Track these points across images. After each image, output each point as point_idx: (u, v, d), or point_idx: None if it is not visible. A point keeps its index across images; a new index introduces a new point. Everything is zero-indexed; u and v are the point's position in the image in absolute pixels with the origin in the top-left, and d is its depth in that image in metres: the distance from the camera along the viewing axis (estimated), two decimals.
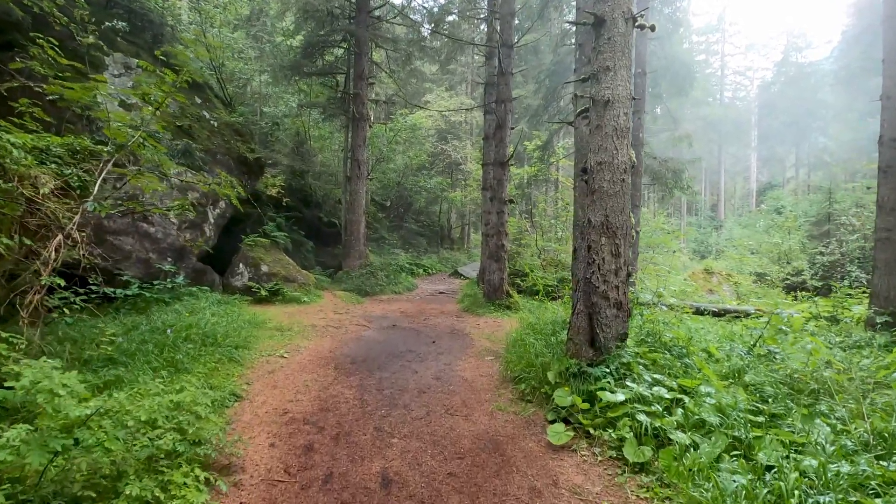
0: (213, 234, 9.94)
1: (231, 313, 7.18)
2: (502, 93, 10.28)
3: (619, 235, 4.11)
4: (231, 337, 5.77)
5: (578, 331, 4.30)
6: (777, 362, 5.11)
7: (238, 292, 9.96)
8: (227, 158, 10.63)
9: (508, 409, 4.00)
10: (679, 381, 3.69)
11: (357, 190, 13.83)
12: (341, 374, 5.02)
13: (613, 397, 3.37)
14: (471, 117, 26.80)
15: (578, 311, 4.32)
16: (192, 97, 10.56)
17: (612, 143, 4.06)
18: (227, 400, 3.89)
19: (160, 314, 6.33)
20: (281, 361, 5.43)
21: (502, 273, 10.17)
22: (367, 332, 7.59)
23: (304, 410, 3.88)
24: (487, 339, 7.30)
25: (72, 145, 3.89)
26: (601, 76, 4.10)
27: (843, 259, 18.78)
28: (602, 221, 4.11)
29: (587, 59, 5.83)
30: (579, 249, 4.39)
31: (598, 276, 4.13)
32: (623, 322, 4.22)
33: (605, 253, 4.11)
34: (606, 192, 4.08)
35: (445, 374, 5.14)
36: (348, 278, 13.17)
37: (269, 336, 6.54)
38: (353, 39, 13.83)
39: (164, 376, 3.93)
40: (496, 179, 10.32)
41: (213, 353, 5.05)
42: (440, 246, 24.26)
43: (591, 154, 4.21)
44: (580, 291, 4.34)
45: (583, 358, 4.20)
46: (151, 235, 8.27)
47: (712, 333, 6.79)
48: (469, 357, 6.05)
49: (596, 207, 4.14)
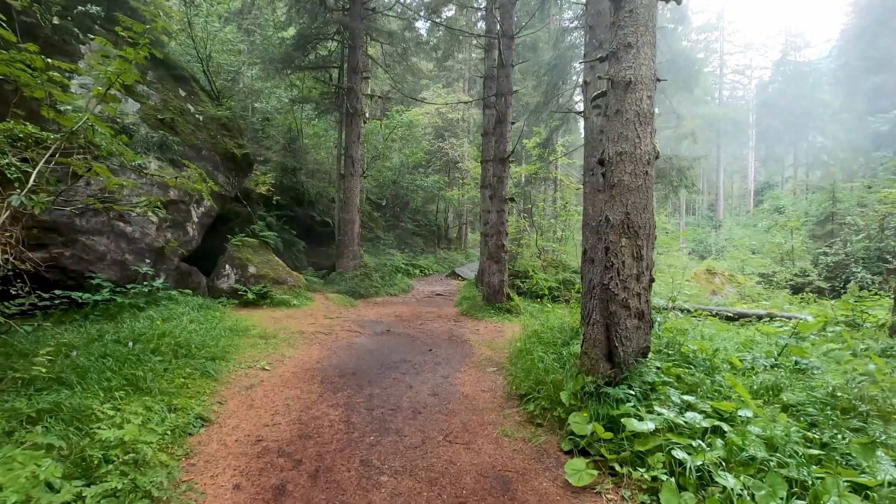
0: (196, 234, 9.39)
1: (212, 319, 6.65)
2: (502, 86, 9.77)
3: (641, 236, 3.61)
4: (208, 347, 5.25)
5: (594, 343, 3.80)
6: (811, 376, 4.64)
7: (224, 295, 9.42)
8: (212, 154, 10.08)
9: (516, 434, 3.49)
10: (713, 403, 3.19)
11: (351, 188, 13.31)
12: (327, 390, 4.50)
13: (641, 426, 2.87)
14: (468, 115, 26.29)
15: (594, 321, 3.82)
16: (176, 90, 10.00)
17: (634, 131, 3.56)
18: (191, 426, 3.36)
19: (132, 322, 5.79)
20: (261, 375, 4.90)
21: (502, 275, 9.68)
22: (359, 338, 7.07)
23: (280, 438, 3.36)
24: (488, 346, 6.80)
25: (11, 131, 3.35)
26: (622, 54, 3.60)
27: (848, 259, 18.40)
28: (622, 220, 3.60)
29: (598, 42, 5.33)
30: (594, 251, 3.89)
31: (618, 282, 3.63)
32: (645, 334, 3.72)
33: (626, 256, 3.61)
34: (627, 187, 3.58)
35: (443, 390, 4.63)
36: (341, 280, 12.64)
37: (251, 345, 6.01)
38: (348, 32, 13.30)
39: (121, 398, 3.41)
40: (496, 177, 9.82)
41: (185, 367, 4.52)
42: (437, 246, 23.74)
43: (609, 143, 3.71)
44: (596, 299, 3.84)
45: (599, 374, 3.70)
46: (128, 235, 7.72)
47: (728, 340, 6.30)
48: (469, 368, 5.54)
49: (615, 204, 3.63)
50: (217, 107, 10.79)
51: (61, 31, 7.27)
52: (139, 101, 8.92)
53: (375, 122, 18.99)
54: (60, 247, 6.98)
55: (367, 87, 16.92)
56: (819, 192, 31.01)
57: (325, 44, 14.73)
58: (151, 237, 8.11)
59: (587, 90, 5.36)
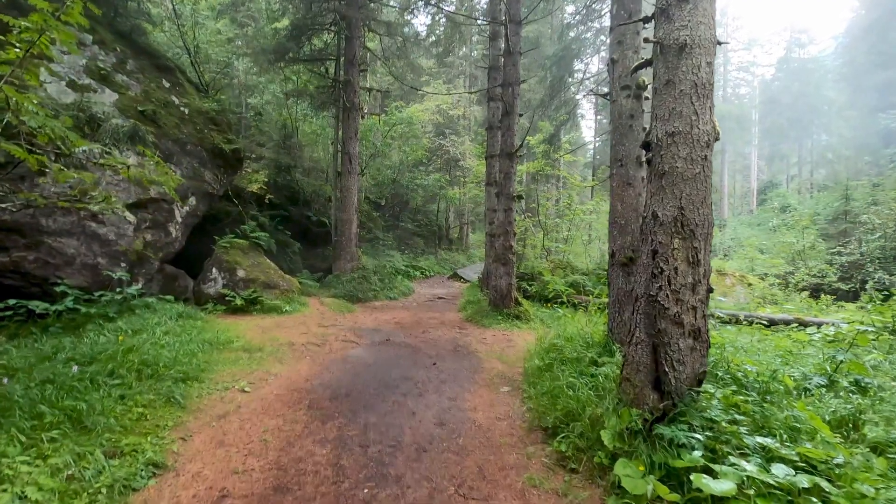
0: (180, 235, 8.70)
1: (190, 330, 5.96)
2: (510, 74, 9.09)
3: (698, 236, 2.93)
4: (179, 365, 4.56)
5: (637, 367, 3.12)
6: (876, 397, 3.96)
7: (211, 301, 8.73)
8: (198, 149, 9.38)
9: (546, 483, 2.80)
10: (799, 449, 2.51)
11: (348, 186, 12.61)
12: (315, 419, 3.81)
13: (717, 486, 2.18)
14: (469, 112, 25.62)
15: (637, 340, 3.14)
16: (159, 80, 9.31)
17: (690, 106, 2.87)
18: (137, 476, 2.67)
19: (96, 335, 5.10)
20: (239, 399, 4.21)
21: (510, 278, 8.99)
22: (356, 350, 6.38)
23: (251, 491, 2.67)
24: (498, 358, 6.11)
25: None
26: (673, 11, 2.91)
27: (864, 259, 17.73)
28: (675, 216, 2.92)
29: (627, 13, 4.64)
30: (641, 255, 3.19)
31: (668, 294, 2.95)
32: (701, 357, 3.04)
33: (679, 260, 2.93)
34: (681, 175, 2.90)
35: (452, 417, 3.94)
36: (338, 283, 11.94)
37: (232, 360, 5.32)
38: (344, 22, 12.61)
39: (51, 441, 2.72)
40: (503, 173, 9.13)
41: (148, 392, 3.84)
42: (438, 247, 23.04)
43: (656, 123, 3.02)
44: (640, 313, 3.15)
45: (646, 406, 3.02)
46: (101, 237, 7.03)
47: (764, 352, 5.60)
48: (479, 387, 4.86)
49: (665, 196, 2.95)
50: (204, 99, 10.09)
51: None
52: (117, 92, 8.23)
53: (374, 119, 18.30)
54: (23, 249, 6.29)
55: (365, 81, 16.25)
56: (826, 191, 30.36)
57: (320, 36, 14.04)
58: (129, 238, 7.42)
59: (614, 68, 4.68)
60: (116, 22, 8.99)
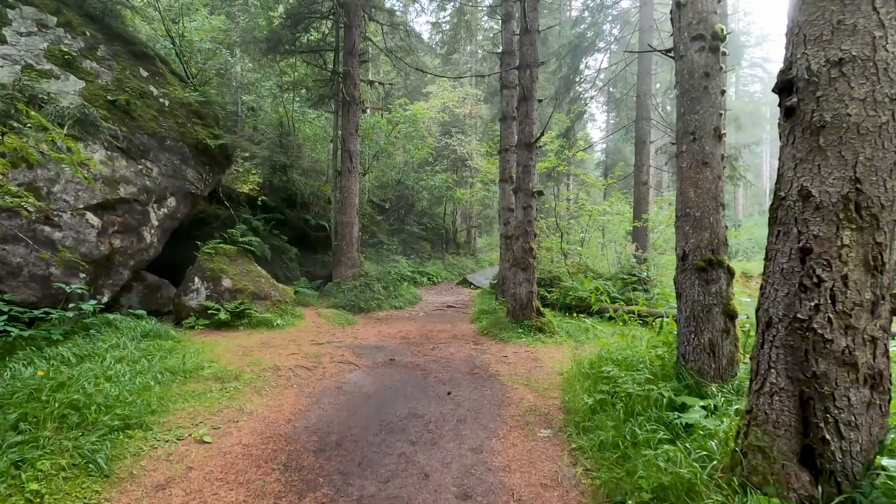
0: (156, 241, 7.69)
1: (152, 355, 4.90)
2: (527, 55, 8.03)
3: (883, 225, 1.83)
4: (121, 405, 3.50)
5: (775, 430, 2.02)
6: None
7: (192, 314, 7.71)
8: (180, 145, 8.39)
9: None
10: None
11: (349, 186, 11.59)
12: (290, 490, 2.74)
13: None
14: (476, 111, 24.60)
15: (774, 388, 2.04)
16: (135, 68, 8.34)
17: (872, 13, 1.78)
18: None
19: (26, 365, 4.06)
20: (193, 455, 3.15)
21: (531, 285, 7.88)
22: (354, 374, 5.31)
23: None
24: (526, 384, 5.01)
25: None
26: None
27: None
28: (844, 194, 1.83)
29: None
30: (775, 254, 2.07)
31: (831, 317, 1.85)
32: (881, 416, 1.93)
33: (850, 265, 1.83)
34: (857, 128, 1.81)
35: (479, 483, 2.85)
36: (338, 291, 10.90)
37: (198, 393, 4.26)
38: (343, 10, 11.63)
39: None
40: (521, 166, 8.04)
41: (62, 452, 2.79)
42: (445, 251, 21.95)
43: (805, 47, 1.93)
44: (778, 347, 2.05)
45: (792, 491, 1.92)
46: (57, 243, 6.02)
47: None
48: (509, 429, 3.76)
49: (826, 163, 1.86)
50: (187, 90, 9.12)
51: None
52: (84, 79, 7.27)
53: (377, 116, 17.31)
54: None
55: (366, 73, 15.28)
56: None
57: (318, 26, 13.08)
58: (90, 244, 6.41)
59: (680, 14, 3.59)
60: (87, 4, 8.04)
